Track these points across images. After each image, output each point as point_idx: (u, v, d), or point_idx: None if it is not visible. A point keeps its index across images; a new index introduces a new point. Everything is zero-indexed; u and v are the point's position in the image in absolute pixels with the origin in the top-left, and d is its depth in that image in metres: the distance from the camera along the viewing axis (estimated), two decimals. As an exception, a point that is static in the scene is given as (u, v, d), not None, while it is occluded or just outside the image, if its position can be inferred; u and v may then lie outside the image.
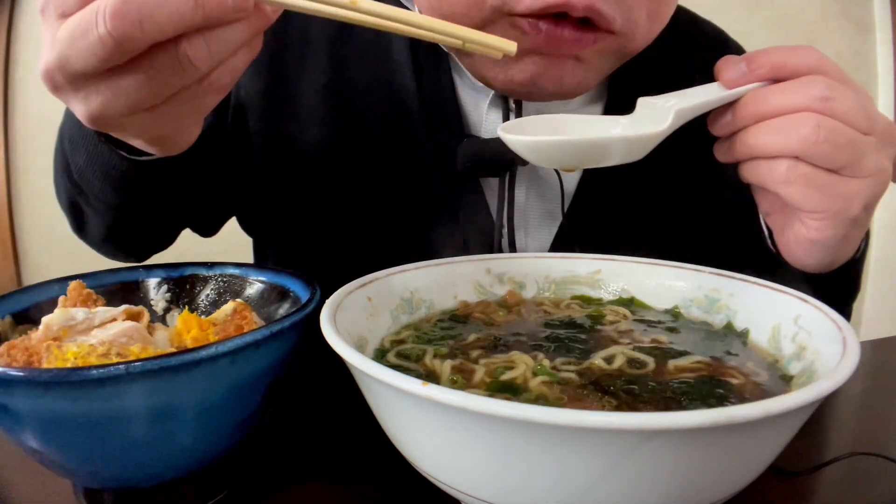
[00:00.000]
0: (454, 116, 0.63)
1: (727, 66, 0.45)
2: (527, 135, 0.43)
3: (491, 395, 0.35)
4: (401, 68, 0.64)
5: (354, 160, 0.65)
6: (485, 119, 0.64)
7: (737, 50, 0.77)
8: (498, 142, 0.60)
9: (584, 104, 0.67)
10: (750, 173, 0.45)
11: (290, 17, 0.69)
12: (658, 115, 0.44)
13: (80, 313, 0.42)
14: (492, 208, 0.64)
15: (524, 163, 0.61)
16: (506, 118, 0.63)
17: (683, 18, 0.74)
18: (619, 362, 0.40)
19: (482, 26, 0.51)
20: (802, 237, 0.46)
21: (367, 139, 0.65)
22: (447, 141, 0.63)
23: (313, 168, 0.66)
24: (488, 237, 0.64)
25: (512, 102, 0.63)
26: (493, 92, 0.63)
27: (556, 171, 0.63)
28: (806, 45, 0.44)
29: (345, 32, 0.67)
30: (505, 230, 0.64)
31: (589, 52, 0.52)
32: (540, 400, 0.35)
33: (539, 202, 0.66)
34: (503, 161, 0.61)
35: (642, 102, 0.46)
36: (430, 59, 0.64)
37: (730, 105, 0.44)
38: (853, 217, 0.44)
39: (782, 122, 0.41)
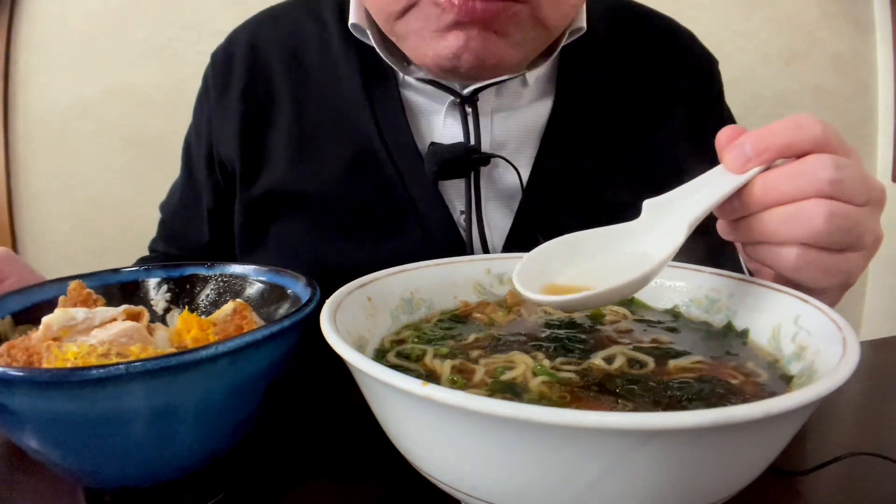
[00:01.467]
0: (407, 134, 0.68)
1: (730, 148, 0.42)
2: (538, 270, 0.43)
3: (491, 395, 0.35)
4: (354, 101, 0.70)
5: (326, 190, 0.70)
6: (443, 126, 0.69)
7: (688, 38, 0.79)
8: (459, 145, 0.66)
9: (534, 100, 0.71)
10: (756, 255, 0.43)
11: (255, 76, 0.74)
12: (668, 220, 0.42)
13: (80, 313, 0.42)
14: (453, 213, 0.68)
15: (486, 163, 0.66)
16: (464, 122, 0.67)
17: (630, 11, 0.77)
18: (619, 362, 0.40)
19: (406, 9, 0.57)
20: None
21: (334, 169, 0.70)
22: (404, 156, 0.68)
23: (290, 205, 0.71)
24: (458, 236, 0.67)
25: (468, 108, 0.67)
26: (448, 100, 0.68)
27: (515, 167, 0.66)
28: (808, 117, 0.41)
29: (301, 75, 0.73)
30: (475, 228, 0.67)
31: (505, 24, 0.56)
32: (542, 400, 0.35)
33: (498, 199, 0.70)
34: (467, 162, 0.65)
35: (648, 205, 0.44)
36: (379, 85, 0.70)
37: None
38: (852, 284, 0.45)
39: (793, 212, 0.40)
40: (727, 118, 0.80)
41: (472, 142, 0.67)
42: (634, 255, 0.42)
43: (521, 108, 0.70)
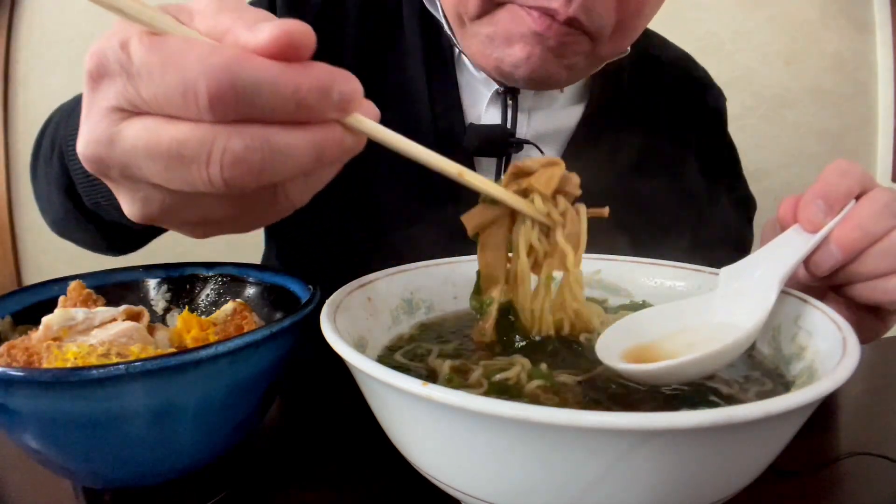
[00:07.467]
0: (457, 108, 0.72)
1: (804, 209, 0.44)
2: (615, 344, 0.40)
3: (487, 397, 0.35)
4: (414, 72, 0.72)
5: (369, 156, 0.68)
6: (483, 114, 0.73)
7: (700, 86, 0.86)
8: (500, 127, 0.70)
9: (567, 104, 0.76)
10: (863, 294, 0.45)
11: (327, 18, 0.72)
12: (750, 284, 0.42)
13: (80, 313, 0.42)
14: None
15: (521, 148, 0.71)
16: (504, 111, 0.71)
17: (655, 42, 0.85)
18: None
19: (484, 12, 0.61)
20: (879, 331, 0.50)
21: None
22: (450, 128, 0.71)
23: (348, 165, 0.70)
24: None
25: (509, 99, 0.71)
26: (493, 90, 0.71)
27: (540, 150, 0.71)
28: (841, 161, 0.45)
29: (369, 32, 0.73)
30: None
31: (565, 48, 0.61)
32: (541, 402, 0.35)
33: None
34: (505, 143, 0.70)
35: (725, 274, 0.44)
36: (439, 66, 0.72)
37: (824, 248, 0.43)
38: None
39: (888, 245, 0.43)
40: (734, 156, 0.88)
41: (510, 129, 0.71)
42: (716, 325, 0.41)
43: (555, 110, 0.75)
